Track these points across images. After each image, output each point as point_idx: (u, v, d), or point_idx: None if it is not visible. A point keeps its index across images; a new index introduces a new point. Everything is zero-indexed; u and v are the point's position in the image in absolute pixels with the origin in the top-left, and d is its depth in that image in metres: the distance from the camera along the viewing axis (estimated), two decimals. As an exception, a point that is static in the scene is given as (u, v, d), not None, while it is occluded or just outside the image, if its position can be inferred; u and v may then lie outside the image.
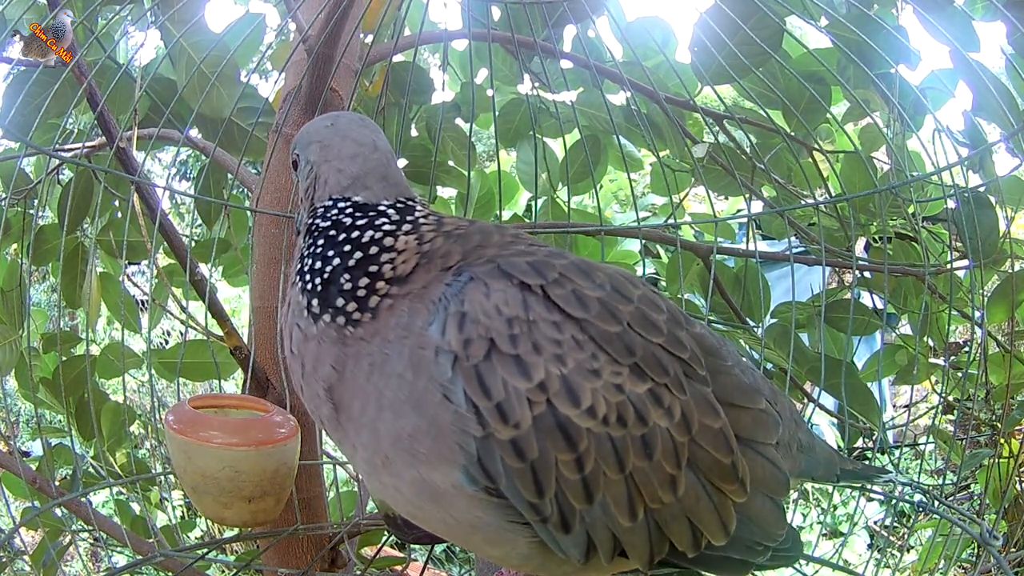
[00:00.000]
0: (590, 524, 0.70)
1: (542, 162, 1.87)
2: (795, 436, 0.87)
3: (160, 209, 1.46)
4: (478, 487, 0.69)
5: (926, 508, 1.22)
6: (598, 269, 0.77)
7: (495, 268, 0.72)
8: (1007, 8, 1.42)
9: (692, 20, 1.44)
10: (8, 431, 2.34)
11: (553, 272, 0.73)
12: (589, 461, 0.68)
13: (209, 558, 1.34)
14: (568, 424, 0.68)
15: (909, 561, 2.85)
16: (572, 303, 0.72)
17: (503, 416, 0.67)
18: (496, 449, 0.67)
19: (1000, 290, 1.64)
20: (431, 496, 0.71)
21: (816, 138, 1.73)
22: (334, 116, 0.88)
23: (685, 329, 0.78)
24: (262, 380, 1.49)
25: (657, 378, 0.73)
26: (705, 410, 0.75)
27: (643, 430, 0.71)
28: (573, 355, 0.69)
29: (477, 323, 0.68)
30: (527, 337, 0.68)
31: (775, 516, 0.80)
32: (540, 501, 0.68)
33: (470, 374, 0.67)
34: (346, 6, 1.29)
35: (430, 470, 0.69)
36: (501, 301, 0.69)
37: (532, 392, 0.67)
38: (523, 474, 0.67)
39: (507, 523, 0.71)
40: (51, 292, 4.40)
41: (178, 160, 4.63)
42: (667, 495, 0.72)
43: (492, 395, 0.67)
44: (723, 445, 0.75)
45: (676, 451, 0.72)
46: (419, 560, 1.61)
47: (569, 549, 0.71)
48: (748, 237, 1.62)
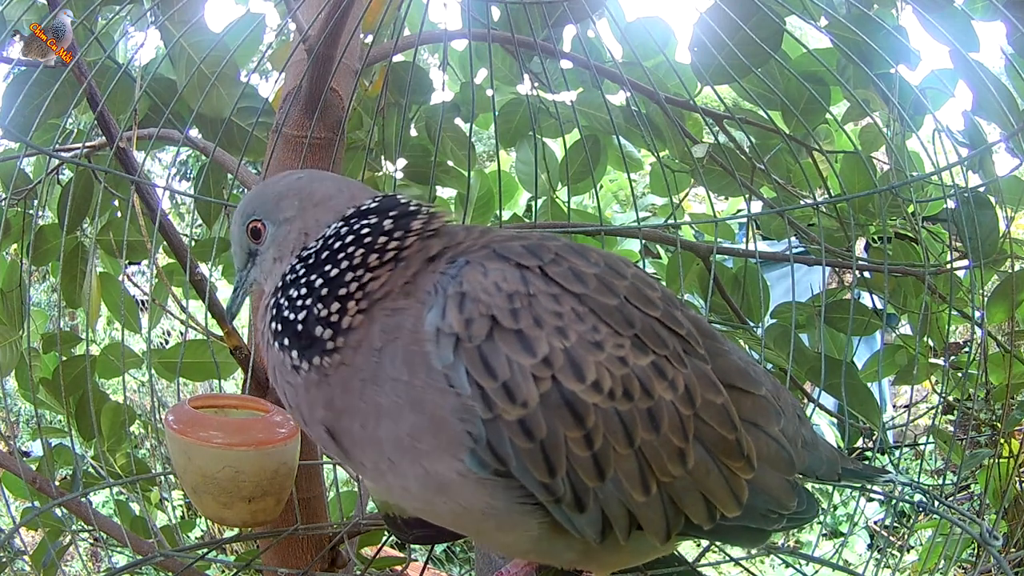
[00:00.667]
0: (604, 501, 0.70)
1: (542, 162, 1.87)
2: (799, 431, 0.87)
3: (160, 209, 1.46)
4: (488, 471, 0.69)
5: (926, 508, 1.22)
6: (591, 250, 0.78)
7: (491, 252, 0.73)
8: (1007, 8, 1.42)
9: (692, 20, 1.44)
10: (8, 431, 2.34)
11: (549, 253, 0.74)
12: (598, 437, 0.68)
13: (209, 558, 1.34)
14: (575, 400, 0.68)
15: (909, 561, 2.85)
16: (570, 279, 0.72)
17: (510, 396, 0.67)
18: (504, 430, 0.67)
19: (1000, 290, 1.64)
20: (438, 488, 0.71)
21: (816, 138, 1.73)
22: (285, 175, 0.85)
23: (679, 309, 0.79)
24: (262, 380, 1.49)
25: (658, 350, 0.73)
26: (707, 385, 0.75)
27: (649, 403, 0.71)
28: (575, 327, 0.69)
29: (478, 301, 0.68)
30: (528, 311, 0.69)
31: (785, 488, 0.80)
32: (552, 481, 0.68)
33: (473, 356, 0.67)
34: (346, 6, 1.29)
35: (433, 462, 0.69)
36: (500, 279, 0.70)
37: (537, 368, 0.67)
38: (533, 454, 0.67)
39: (518, 506, 0.71)
40: (51, 292, 4.40)
41: (178, 160, 4.63)
42: (677, 468, 0.72)
43: (497, 375, 0.67)
44: (726, 421, 0.75)
45: (683, 424, 0.72)
46: (419, 560, 1.61)
47: (584, 528, 0.71)
48: (748, 237, 1.62)
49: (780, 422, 0.82)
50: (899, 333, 1.87)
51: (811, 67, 1.61)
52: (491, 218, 2.05)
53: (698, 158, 1.74)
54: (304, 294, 0.74)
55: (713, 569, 2.45)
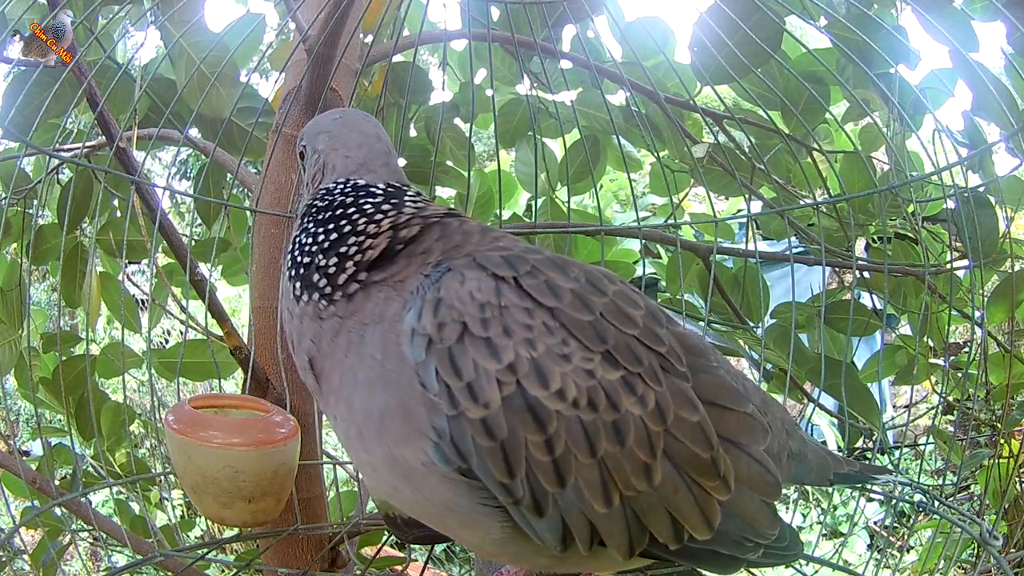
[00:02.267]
0: (564, 509, 0.71)
1: (541, 162, 1.87)
2: (785, 446, 0.87)
3: (160, 209, 1.46)
4: (451, 466, 0.71)
5: (926, 508, 1.22)
6: (574, 265, 0.79)
7: (471, 260, 0.75)
8: (1007, 8, 1.42)
9: (692, 20, 1.44)
10: (8, 431, 2.34)
11: (526, 265, 0.75)
12: (559, 443, 0.70)
13: (209, 558, 1.34)
14: (537, 405, 0.69)
15: (909, 561, 2.85)
16: (544, 292, 0.74)
17: (473, 395, 0.69)
18: (467, 428, 0.69)
19: (1000, 290, 1.64)
20: (403, 474, 0.73)
21: (816, 138, 1.73)
22: (341, 111, 0.95)
23: (664, 327, 0.79)
24: (262, 380, 1.49)
25: (630, 367, 0.73)
26: (682, 403, 0.75)
27: (614, 416, 0.71)
28: (543, 340, 0.71)
29: (451, 308, 0.71)
30: (498, 321, 0.71)
31: (765, 515, 0.79)
32: (511, 481, 0.70)
33: (443, 355, 0.70)
34: (346, 6, 1.29)
35: (400, 447, 0.72)
36: (475, 288, 0.72)
37: (501, 373, 0.69)
38: (493, 453, 0.69)
39: (480, 506, 0.72)
40: (51, 292, 4.40)
41: (178, 160, 4.63)
42: (641, 483, 0.72)
43: (463, 375, 0.69)
44: (701, 439, 0.75)
45: (650, 440, 0.72)
46: (419, 560, 1.61)
47: (544, 534, 0.72)
48: (748, 237, 1.62)
49: (766, 440, 0.81)
50: (899, 333, 1.87)
51: (811, 67, 1.61)
52: (491, 218, 2.05)
53: (698, 158, 1.74)
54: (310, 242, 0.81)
55: (713, 569, 2.44)
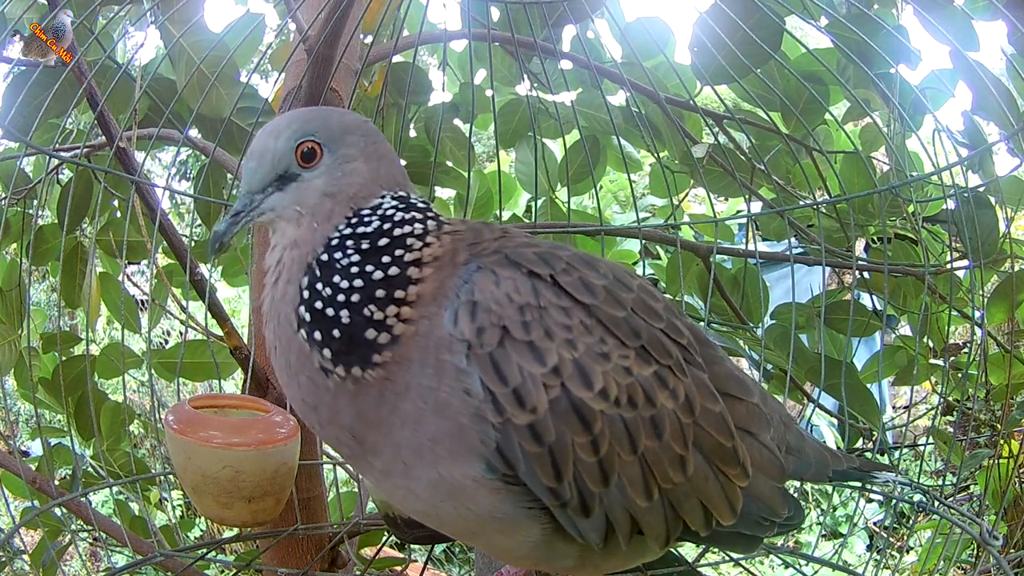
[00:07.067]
0: (608, 506, 0.72)
1: (541, 162, 1.87)
2: (784, 439, 0.89)
3: (160, 209, 1.46)
4: (496, 475, 0.70)
5: (926, 508, 1.22)
6: (599, 261, 0.80)
7: (503, 258, 0.73)
8: (1007, 8, 1.42)
9: (692, 20, 1.44)
10: (8, 431, 2.33)
11: (560, 262, 0.74)
12: (604, 443, 0.70)
13: (209, 558, 1.34)
14: (582, 406, 0.69)
15: (909, 562, 2.85)
16: (580, 290, 0.73)
17: (520, 401, 0.68)
18: (514, 434, 0.68)
19: (1000, 290, 1.64)
20: (449, 492, 0.72)
21: (815, 138, 1.73)
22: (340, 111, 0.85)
23: (679, 318, 0.81)
24: (262, 380, 1.49)
25: (661, 360, 0.75)
26: (705, 393, 0.77)
27: (652, 411, 0.72)
28: (583, 339, 0.71)
29: (489, 312, 0.69)
30: (539, 323, 0.70)
31: (777, 496, 0.82)
32: (559, 485, 0.70)
33: (485, 362, 0.68)
34: (346, 6, 1.29)
35: (449, 467, 0.70)
36: (512, 289, 0.70)
37: (547, 376, 0.69)
38: (541, 458, 0.69)
39: (524, 510, 0.72)
40: (51, 292, 4.40)
41: (178, 160, 4.63)
42: (677, 475, 0.74)
43: (508, 381, 0.68)
44: (724, 428, 0.77)
45: (683, 432, 0.74)
46: (419, 560, 1.61)
47: (588, 532, 0.72)
48: (748, 238, 1.62)
49: (770, 429, 0.84)
50: (899, 334, 1.87)
51: (811, 67, 1.61)
52: (491, 218, 2.05)
53: (698, 158, 1.74)
54: (353, 287, 0.69)
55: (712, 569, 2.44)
